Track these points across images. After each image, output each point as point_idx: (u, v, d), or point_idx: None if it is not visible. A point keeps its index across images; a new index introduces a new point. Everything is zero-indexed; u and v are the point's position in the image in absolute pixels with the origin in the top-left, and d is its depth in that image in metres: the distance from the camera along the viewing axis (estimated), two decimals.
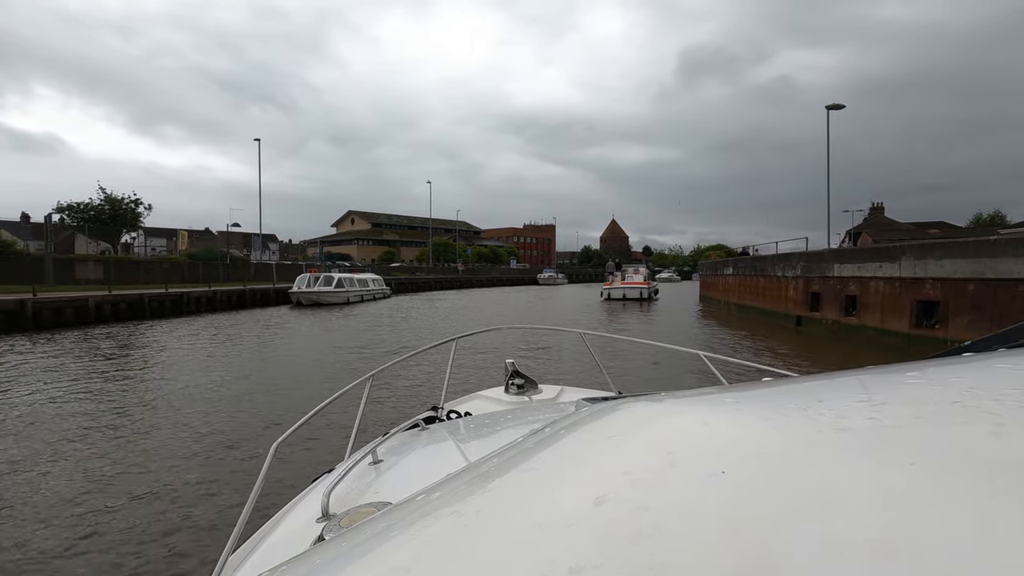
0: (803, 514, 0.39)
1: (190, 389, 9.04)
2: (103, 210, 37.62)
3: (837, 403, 0.62)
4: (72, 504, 4.60)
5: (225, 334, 16.97)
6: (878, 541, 0.35)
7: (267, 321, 21.77)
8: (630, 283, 36.02)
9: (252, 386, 9.37)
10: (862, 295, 14.50)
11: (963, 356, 0.92)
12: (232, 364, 11.61)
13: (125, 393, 8.81)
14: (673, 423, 0.61)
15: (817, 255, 17.34)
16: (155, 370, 10.87)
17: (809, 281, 17.45)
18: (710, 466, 0.48)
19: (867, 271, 14.29)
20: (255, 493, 1.24)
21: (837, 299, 15.71)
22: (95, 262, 29.64)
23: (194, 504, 4.62)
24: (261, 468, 1.37)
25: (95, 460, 5.67)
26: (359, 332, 17.95)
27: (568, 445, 0.65)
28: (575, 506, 0.48)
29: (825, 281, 16.43)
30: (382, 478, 1.37)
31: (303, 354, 13.29)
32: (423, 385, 8.71)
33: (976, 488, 0.38)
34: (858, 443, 0.49)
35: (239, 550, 1.24)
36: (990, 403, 0.53)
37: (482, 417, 1.96)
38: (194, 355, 12.75)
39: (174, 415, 7.40)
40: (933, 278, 11.93)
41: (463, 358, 11.05)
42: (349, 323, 20.91)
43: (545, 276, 75.43)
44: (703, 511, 0.42)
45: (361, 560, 0.54)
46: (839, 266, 15.65)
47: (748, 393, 0.75)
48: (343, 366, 11.53)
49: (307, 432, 5.86)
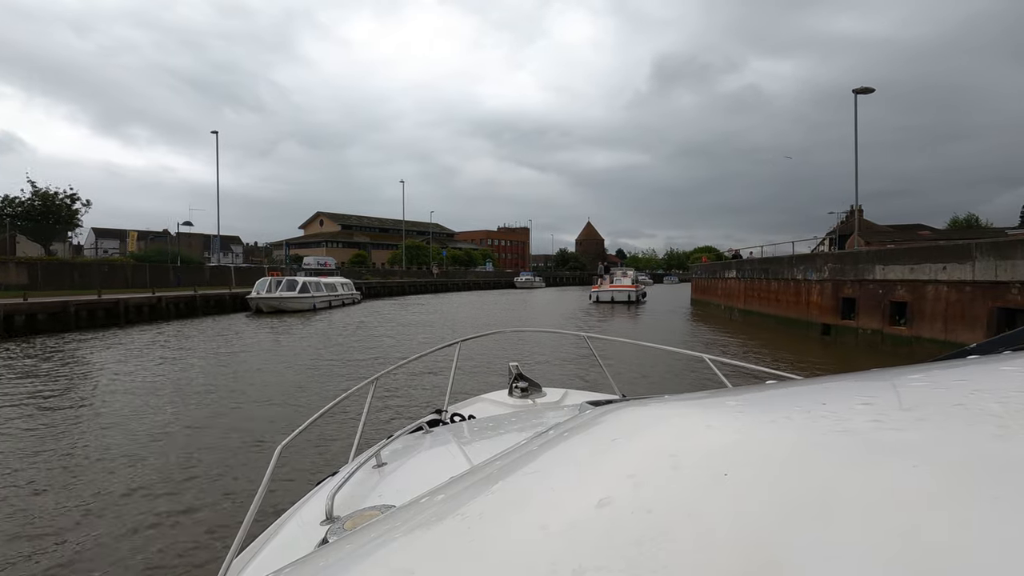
0: (806, 517, 0.39)
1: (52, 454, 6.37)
2: (33, 207, 33.48)
3: (840, 406, 0.61)
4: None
5: (160, 350, 14.11)
6: (882, 544, 0.35)
7: (220, 331, 18.86)
8: (618, 286, 35.78)
9: (139, 446, 6.74)
10: (915, 301, 12.53)
11: (967, 359, 0.90)
12: (132, 403, 8.91)
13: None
14: (676, 426, 0.60)
15: (852, 256, 15.39)
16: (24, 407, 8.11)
17: (839, 285, 15.48)
18: (713, 469, 0.48)
19: (923, 273, 12.32)
20: (259, 496, 1.28)
21: (879, 306, 13.74)
22: (17, 264, 25.86)
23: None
24: (266, 471, 1.41)
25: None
26: (318, 348, 15.26)
27: (572, 448, 0.65)
28: (579, 509, 0.48)
29: (862, 285, 14.46)
30: (386, 481, 1.38)
31: (228, 384, 10.60)
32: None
33: (980, 491, 0.38)
34: (861, 446, 0.48)
35: (243, 553, 1.23)
36: (994, 406, 0.53)
37: (486, 420, 1.97)
38: (95, 385, 9.96)
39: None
40: (1022, 282, 9.96)
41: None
42: (309, 334, 18.18)
43: (522, 279, 73.54)
44: (707, 513, 0.42)
45: (365, 563, 0.54)
46: (883, 268, 13.68)
47: (751, 396, 0.73)
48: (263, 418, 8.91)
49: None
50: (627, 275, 38.28)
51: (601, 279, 39.11)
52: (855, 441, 0.49)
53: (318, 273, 39.65)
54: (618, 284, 36.25)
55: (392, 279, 55.35)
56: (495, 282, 73.01)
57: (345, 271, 50.75)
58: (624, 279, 37.13)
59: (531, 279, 74.18)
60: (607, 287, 36.02)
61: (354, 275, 48.16)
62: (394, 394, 8.32)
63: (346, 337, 17.41)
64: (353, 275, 47.57)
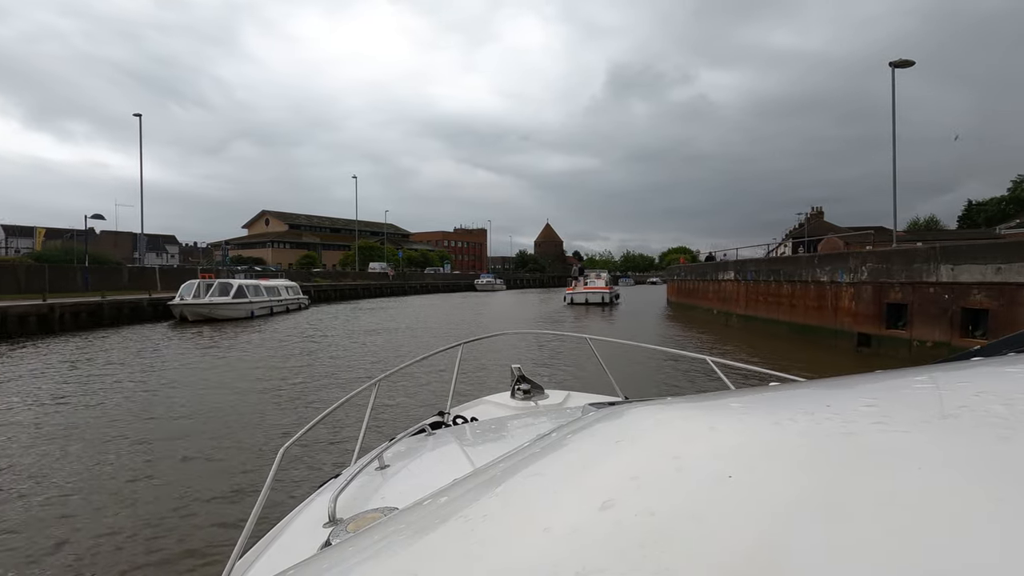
0: (810, 519, 0.39)
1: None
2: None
3: (844, 408, 0.60)
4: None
5: (22, 380, 10.33)
6: (885, 546, 0.35)
7: (126, 345, 14.98)
8: (593, 288, 35.49)
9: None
10: (1001, 309, 10.22)
11: (972, 360, 0.90)
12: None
13: None
14: (680, 428, 0.60)
15: (902, 254, 13.06)
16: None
17: (884, 288, 13.16)
18: (717, 471, 0.48)
19: (1015, 275, 10.01)
20: (262, 497, 1.27)
21: (945, 313, 11.41)
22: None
23: None
24: (268, 473, 1.39)
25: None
26: (250, 368, 11.74)
27: (575, 450, 0.64)
28: (582, 511, 0.47)
29: (919, 288, 12.13)
30: (389, 483, 1.38)
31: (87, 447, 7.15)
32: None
33: (984, 493, 0.38)
34: (865, 448, 0.48)
35: (247, 555, 1.23)
36: (999, 408, 0.52)
37: (488, 422, 1.97)
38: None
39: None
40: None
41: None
42: (244, 346, 14.56)
43: (483, 282, 70.56)
44: (710, 516, 0.42)
45: (368, 565, 0.54)
46: (951, 268, 11.35)
47: (755, 398, 0.72)
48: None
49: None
50: (601, 277, 38.11)
51: (576, 281, 38.54)
52: (859, 443, 0.49)
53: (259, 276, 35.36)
54: (592, 286, 35.79)
55: (344, 281, 51.25)
56: (454, 284, 69.65)
57: (292, 274, 46.36)
58: (598, 281, 36.88)
59: (492, 281, 71.27)
60: (582, 289, 35.54)
61: (302, 278, 43.98)
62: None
63: (284, 353, 13.90)
64: (301, 278, 43.40)
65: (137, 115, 34.65)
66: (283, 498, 4.01)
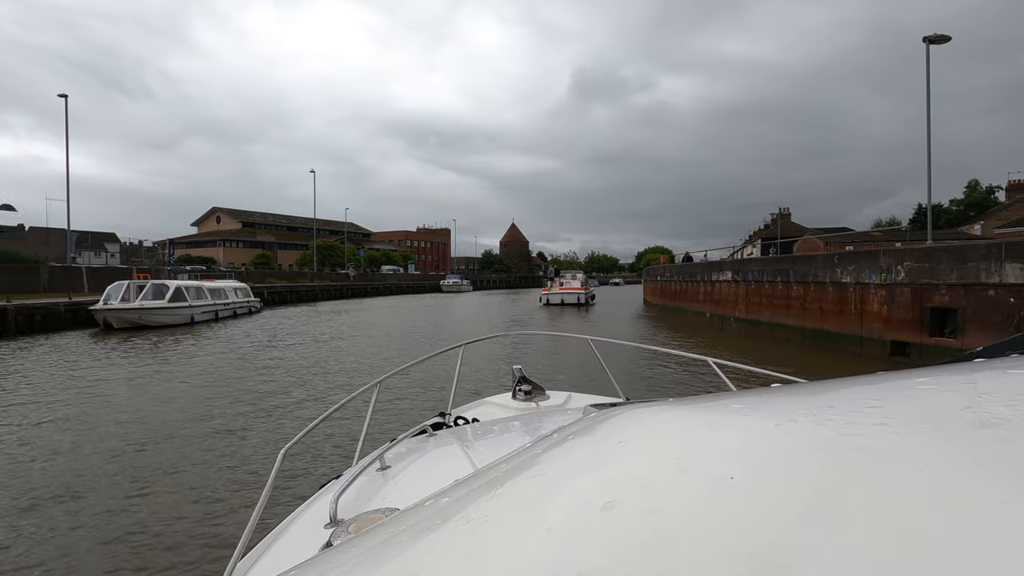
0: (812, 520, 0.39)
1: None
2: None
3: (847, 409, 0.60)
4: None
5: None
6: (888, 547, 0.35)
7: (18, 363, 12.07)
8: (568, 289, 34.74)
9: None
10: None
11: (975, 362, 0.90)
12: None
13: None
14: (682, 429, 0.60)
15: (952, 251, 11.47)
16: None
17: (926, 291, 11.56)
18: (719, 472, 0.48)
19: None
20: (263, 499, 1.27)
21: (1009, 320, 9.83)
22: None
23: None
24: (269, 474, 1.39)
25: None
26: (175, 396, 9.19)
27: (576, 451, 0.64)
28: (584, 512, 0.47)
29: (973, 291, 10.55)
30: (390, 484, 1.38)
31: None
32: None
33: (987, 494, 0.38)
34: (868, 449, 0.48)
35: (248, 556, 1.22)
36: (1002, 409, 0.52)
37: (490, 423, 1.97)
38: None
39: None
40: None
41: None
42: (177, 361, 11.91)
43: (450, 283, 68.14)
44: (712, 516, 0.42)
45: (369, 566, 0.54)
46: (1018, 268, 9.78)
47: (757, 399, 0.72)
48: None
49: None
50: (576, 278, 37.26)
51: (551, 282, 38.10)
52: (862, 444, 0.49)
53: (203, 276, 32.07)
54: (568, 287, 34.93)
55: (301, 282, 47.95)
56: (419, 285, 66.84)
57: (244, 274, 42.84)
58: (574, 282, 36.02)
59: (459, 282, 68.91)
60: (557, 290, 34.79)
61: (256, 278, 40.64)
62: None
63: (223, 372, 11.34)
64: (255, 278, 40.07)
65: (63, 95, 30.88)
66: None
